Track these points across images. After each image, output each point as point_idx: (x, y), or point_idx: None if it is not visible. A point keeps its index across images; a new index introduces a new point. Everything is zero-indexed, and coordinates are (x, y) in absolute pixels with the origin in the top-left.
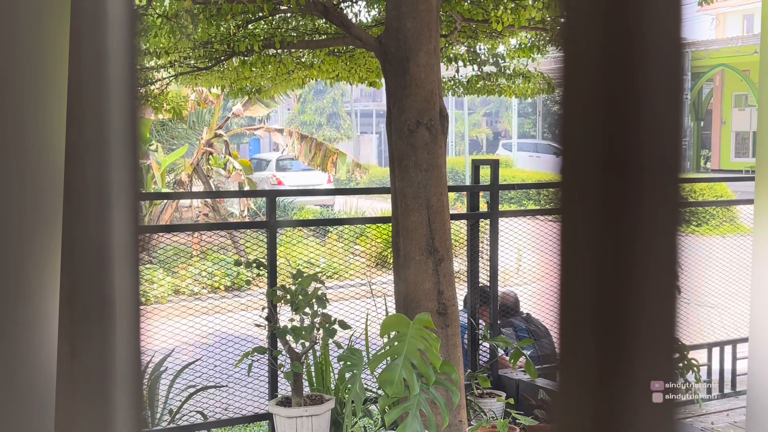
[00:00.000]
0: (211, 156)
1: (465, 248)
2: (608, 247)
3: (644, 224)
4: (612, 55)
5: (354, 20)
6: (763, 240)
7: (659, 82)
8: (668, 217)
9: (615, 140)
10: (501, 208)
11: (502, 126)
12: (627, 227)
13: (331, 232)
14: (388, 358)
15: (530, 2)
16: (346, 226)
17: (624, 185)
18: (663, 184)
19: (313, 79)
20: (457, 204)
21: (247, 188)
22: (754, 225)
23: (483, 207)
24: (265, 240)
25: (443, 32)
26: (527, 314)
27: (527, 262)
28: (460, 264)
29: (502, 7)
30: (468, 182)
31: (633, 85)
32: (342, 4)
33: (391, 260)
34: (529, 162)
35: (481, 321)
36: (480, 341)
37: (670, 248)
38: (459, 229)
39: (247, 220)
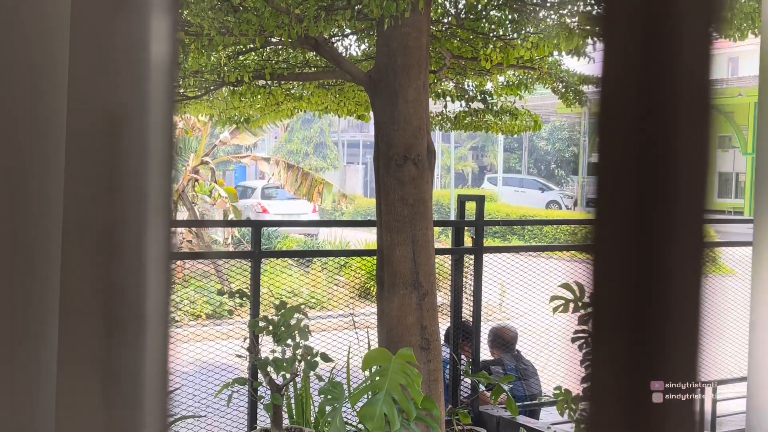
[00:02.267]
0: (196, 183)
1: (448, 282)
2: (640, 285)
3: (671, 263)
4: (645, 99)
5: (344, 53)
6: (763, 280)
7: (688, 126)
8: (691, 258)
9: (645, 183)
10: (485, 242)
11: (488, 160)
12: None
13: (314, 262)
14: (370, 393)
15: (519, 42)
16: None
17: (653, 225)
18: (691, 224)
19: (302, 111)
20: (442, 237)
21: (231, 216)
22: (752, 265)
23: (468, 241)
24: (249, 268)
25: (432, 68)
26: (518, 352)
27: (510, 298)
28: (443, 298)
29: (491, 46)
30: (453, 216)
31: (664, 130)
32: (333, 38)
33: (375, 291)
34: (514, 197)
35: (463, 356)
36: (462, 377)
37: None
38: (443, 263)
39: (231, 247)
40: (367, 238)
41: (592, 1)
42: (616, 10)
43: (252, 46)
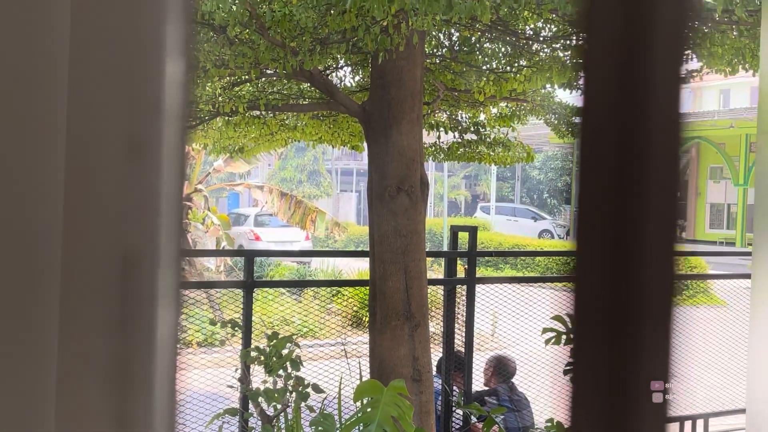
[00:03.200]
0: (190, 210)
1: (440, 311)
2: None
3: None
4: (624, 139)
5: (339, 84)
6: (761, 311)
7: (659, 158)
8: (665, 288)
9: (623, 215)
10: (478, 271)
11: (480, 189)
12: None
13: (307, 290)
14: (361, 425)
15: (512, 75)
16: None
17: (628, 256)
18: (662, 253)
19: (296, 140)
20: (434, 266)
21: (224, 243)
22: (751, 296)
23: (460, 269)
24: (241, 296)
25: (426, 100)
26: (512, 383)
27: (502, 327)
28: (435, 327)
29: (484, 79)
30: (446, 245)
31: (641, 164)
32: (327, 69)
33: (367, 320)
34: (507, 226)
35: (455, 387)
36: (453, 408)
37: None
38: (435, 292)
39: (223, 274)
40: (359, 266)
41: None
42: (595, 43)
43: (247, 77)
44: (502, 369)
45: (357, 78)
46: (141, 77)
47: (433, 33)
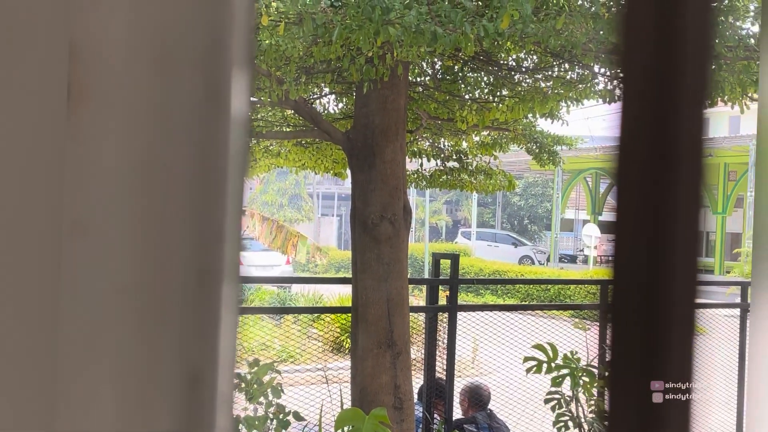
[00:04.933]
0: None
1: (422, 338)
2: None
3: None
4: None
5: (322, 111)
6: (759, 344)
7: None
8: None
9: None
10: (459, 297)
11: (462, 214)
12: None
13: (287, 315)
14: None
15: (494, 104)
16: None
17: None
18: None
19: (279, 167)
20: (416, 292)
21: None
22: (749, 328)
23: (442, 296)
24: None
25: (409, 128)
26: (490, 411)
27: (483, 354)
28: (416, 353)
29: (467, 108)
30: (427, 271)
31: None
32: (311, 96)
33: (348, 345)
34: (488, 251)
35: (436, 415)
36: None
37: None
38: (417, 319)
39: None
40: (340, 291)
41: (566, 67)
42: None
43: None
44: (476, 397)
45: (341, 105)
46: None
47: (417, 62)
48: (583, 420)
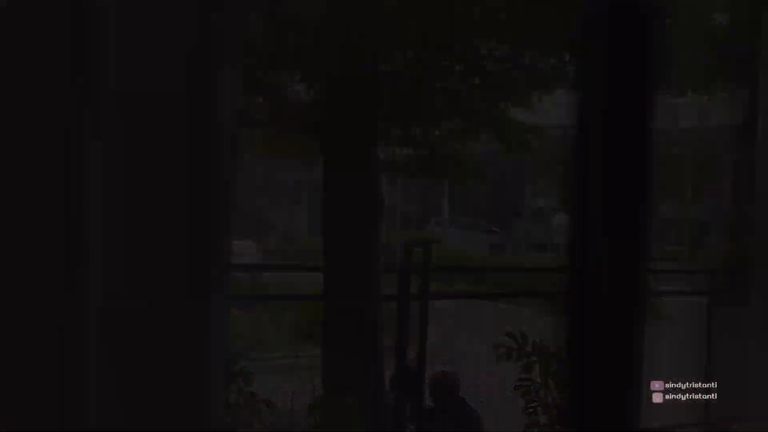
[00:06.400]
0: None
1: (394, 326)
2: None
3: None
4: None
5: (296, 99)
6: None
7: None
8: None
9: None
10: (431, 285)
11: (433, 202)
12: None
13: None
14: None
15: (466, 93)
16: None
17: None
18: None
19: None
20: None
21: None
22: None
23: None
24: None
25: (381, 116)
26: (462, 398)
27: (455, 342)
28: (388, 342)
29: (439, 96)
30: (398, 261)
31: None
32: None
33: (319, 333)
34: (459, 239)
35: (407, 403)
36: (406, 423)
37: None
38: (388, 306)
39: None
40: (311, 278)
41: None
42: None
43: None
44: (444, 384)
45: (313, 93)
46: None
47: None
48: (552, 406)
